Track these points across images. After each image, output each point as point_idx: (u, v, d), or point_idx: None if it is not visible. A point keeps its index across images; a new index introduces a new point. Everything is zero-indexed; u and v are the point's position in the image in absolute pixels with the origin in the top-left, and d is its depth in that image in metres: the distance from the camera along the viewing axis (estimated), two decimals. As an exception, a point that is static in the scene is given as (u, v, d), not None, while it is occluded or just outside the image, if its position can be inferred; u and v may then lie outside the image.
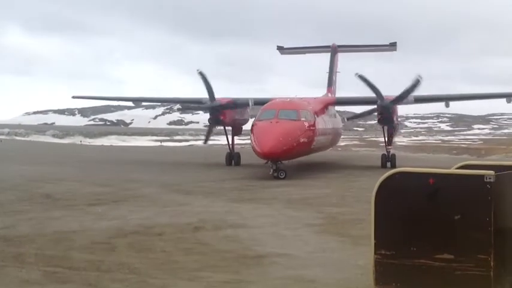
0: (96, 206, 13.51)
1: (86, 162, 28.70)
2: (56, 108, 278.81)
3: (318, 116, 24.31)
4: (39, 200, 14.38)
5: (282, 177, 20.38)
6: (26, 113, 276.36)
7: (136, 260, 8.09)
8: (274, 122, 21.41)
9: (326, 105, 27.01)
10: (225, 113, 26.53)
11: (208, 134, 29.26)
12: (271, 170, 20.66)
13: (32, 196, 15.12)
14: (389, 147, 27.33)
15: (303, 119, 22.31)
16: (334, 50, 33.95)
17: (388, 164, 25.95)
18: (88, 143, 59.53)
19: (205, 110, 28.06)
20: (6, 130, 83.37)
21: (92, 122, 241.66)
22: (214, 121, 27.08)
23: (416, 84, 23.24)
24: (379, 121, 25.91)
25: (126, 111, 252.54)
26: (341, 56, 34.81)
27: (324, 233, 10.30)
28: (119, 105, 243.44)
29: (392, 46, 32.73)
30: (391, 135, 27.44)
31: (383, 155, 27.18)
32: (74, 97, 36.52)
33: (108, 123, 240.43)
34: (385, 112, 24.90)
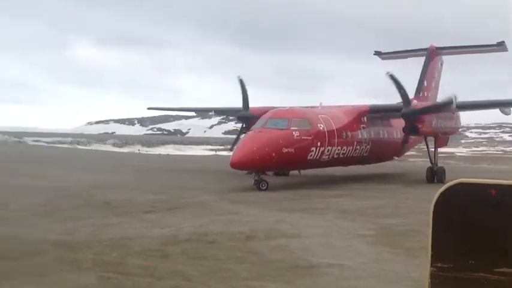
0: (152, 213, 13.77)
1: (144, 171, 29.33)
2: (116, 118, 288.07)
3: (333, 125, 22.99)
4: (99, 207, 14.80)
5: (263, 188, 19.98)
6: (89, 122, 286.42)
7: (189, 267, 8.17)
8: (257, 132, 20.99)
9: (356, 114, 25.28)
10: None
11: (236, 141, 29.40)
12: (253, 181, 20.44)
13: (92, 203, 15.58)
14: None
15: (294, 128, 21.21)
16: (431, 53, 31.95)
17: (435, 179, 24.72)
18: (146, 152, 60.83)
19: (237, 118, 28.22)
20: (69, 139, 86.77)
21: (150, 132, 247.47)
22: (246, 130, 27.18)
23: (448, 103, 22.71)
24: (403, 129, 24.88)
25: (183, 120, 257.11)
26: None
27: (377, 244, 10.09)
28: (176, 115, 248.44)
29: (500, 46, 29.78)
30: (436, 147, 26.47)
31: (428, 168, 25.63)
32: (149, 108, 38.79)
33: (166, 132, 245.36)
34: (408, 120, 23.83)
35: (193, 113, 45.53)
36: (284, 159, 20.82)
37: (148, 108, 39.39)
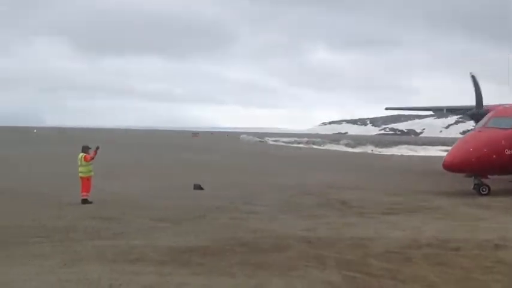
0: (389, 215, 13.65)
1: (377, 171, 29.28)
2: (349, 118, 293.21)
3: None
4: (336, 206, 15.21)
5: (484, 192, 18.05)
6: (323, 123, 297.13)
7: (432, 273, 7.89)
8: (477, 131, 19.02)
9: None
10: None
11: None
12: (473, 185, 18.61)
13: (329, 202, 16.09)
14: None
15: None
16: None
17: None
18: (378, 152, 60.57)
19: (468, 117, 26.00)
20: (305, 139, 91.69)
21: (382, 132, 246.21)
22: None
23: None
24: None
25: (416, 120, 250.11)
26: None
27: None
28: (409, 115, 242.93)
29: None
30: None
31: None
32: (386, 108, 39.22)
33: (399, 132, 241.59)
34: None
35: (427, 113, 44.43)
36: (507, 162, 18.62)
37: (386, 109, 40.02)
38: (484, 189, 18.48)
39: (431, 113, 44.27)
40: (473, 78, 23.97)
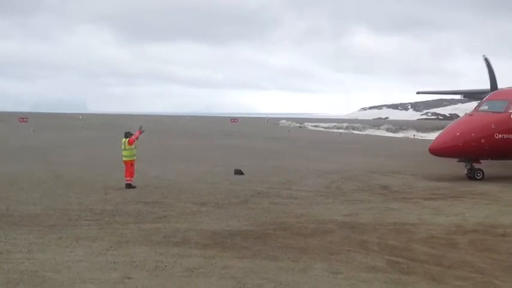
0: (433, 200, 13.46)
1: (419, 157, 28.76)
2: (389, 103, 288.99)
3: None
4: (378, 191, 15.07)
5: (478, 177, 17.72)
6: (363, 108, 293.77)
7: (479, 259, 7.77)
8: (468, 116, 18.62)
9: None
10: None
11: None
12: (466, 170, 18.18)
13: (371, 187, 15.94)
14: None
15: None
16: None
17: None
18: (421, 138, 59.54)
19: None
20: (345, 125, 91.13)
21: (424, 116, 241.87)
22: None
23: None
24: None
25: (459, 105, 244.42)
26: None
27: None
28: (452, 99, 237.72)
29: None
30: None
31: None
32: (418, 93, 38.39)
33: (441, 117, 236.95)
34: None
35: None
36: (497, 147, 18.08)
37: (418, 93, 39.03)
38: (478, 174, 18.19)
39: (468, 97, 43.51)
40: (486, 61, 23.21)
